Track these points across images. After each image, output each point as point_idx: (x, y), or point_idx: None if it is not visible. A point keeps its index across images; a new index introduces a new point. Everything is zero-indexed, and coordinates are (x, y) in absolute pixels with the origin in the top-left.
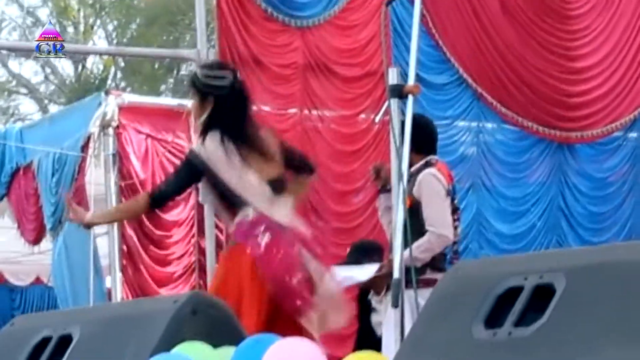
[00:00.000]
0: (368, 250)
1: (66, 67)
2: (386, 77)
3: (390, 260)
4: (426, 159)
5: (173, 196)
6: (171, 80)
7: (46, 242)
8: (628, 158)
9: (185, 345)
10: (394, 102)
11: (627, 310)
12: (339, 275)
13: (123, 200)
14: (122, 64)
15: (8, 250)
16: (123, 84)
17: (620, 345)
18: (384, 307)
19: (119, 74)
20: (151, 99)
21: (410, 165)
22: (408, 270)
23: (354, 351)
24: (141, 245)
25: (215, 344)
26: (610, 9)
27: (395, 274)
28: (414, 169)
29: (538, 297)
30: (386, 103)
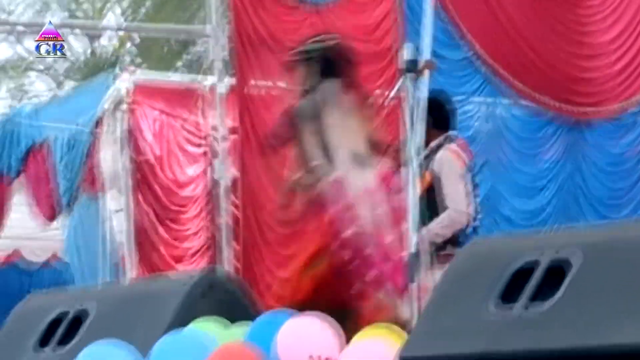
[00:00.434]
0: None
1: (81, 45)
2: (400, 53)
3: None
4: (446, 135)
5: None
6: (185, 57)
7: (61, 219)
8: None
9: (200, 321)
10: (408, 79)
11: None
12: None
13: (138, 177)
14: (137, 41)
15: (24, 227)
16: (137, 61)
17: (636, 321)
18: None
19: (133, 51)
20: (165, 76)
21: (428, 141)
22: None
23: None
24: (157, 221)
25: (231, 320)
26: None
27: (411, 249)
28: (434, 144)
29: (554, 273)
30: (400, 80)
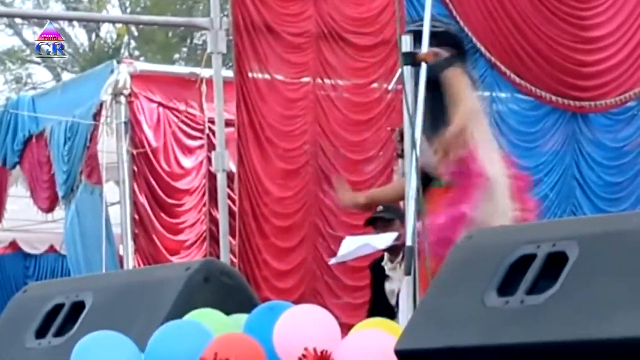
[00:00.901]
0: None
1: (80, 36)
2: (398, 44)
3: None
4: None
5: None
6: (184, 49)
7: (59, 210)
8: None
9: (197, 312)
10: (407, 70)
11: None
12: (357, 243)
13: (135, 168)
14: (136, 33)
15: (22, 218)
16: (137, 53)
17: (632, 313)
18: (398, 275)
19: (133, 43)
20: (163, 67)
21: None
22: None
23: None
24: (153, 213)
25: (227, 312)
26: None
27: (408, 242)
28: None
29: (551, 265)
30: (399, 71)
